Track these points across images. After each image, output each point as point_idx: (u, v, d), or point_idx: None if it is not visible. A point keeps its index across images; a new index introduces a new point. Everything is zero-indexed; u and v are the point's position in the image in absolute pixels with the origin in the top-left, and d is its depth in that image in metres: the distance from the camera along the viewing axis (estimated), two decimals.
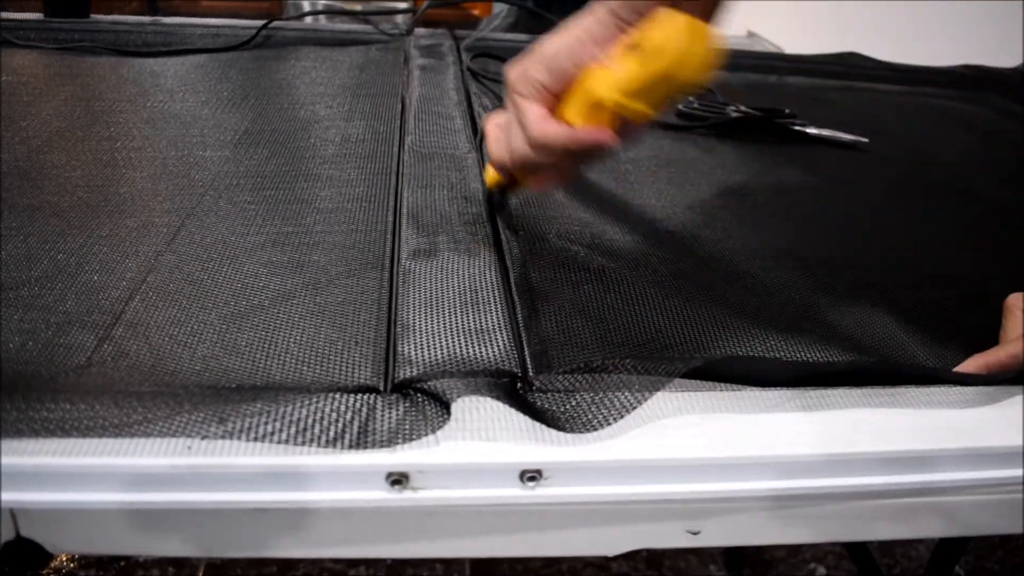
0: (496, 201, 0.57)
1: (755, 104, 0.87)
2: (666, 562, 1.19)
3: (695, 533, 0.39)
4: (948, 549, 0.70)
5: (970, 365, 0.43)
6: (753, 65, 1.12)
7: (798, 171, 0.75)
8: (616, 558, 1.17)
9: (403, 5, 1.15)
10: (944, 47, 1.24)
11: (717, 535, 0.40)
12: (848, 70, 1.13)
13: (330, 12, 1.29)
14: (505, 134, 0.48)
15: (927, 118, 0.98)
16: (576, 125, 0.44)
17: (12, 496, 0.32)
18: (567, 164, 0.48)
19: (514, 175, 0.52)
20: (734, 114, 0.84)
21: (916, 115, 0.98)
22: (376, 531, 0.37)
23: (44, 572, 1.07)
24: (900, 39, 1.81)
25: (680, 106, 0.86)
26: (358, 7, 1.12)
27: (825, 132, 0.83)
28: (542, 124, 0.45)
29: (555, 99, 0.46)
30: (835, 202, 0.69)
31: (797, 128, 0.84)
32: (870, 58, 1.18)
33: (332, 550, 0.37)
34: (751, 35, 1.43)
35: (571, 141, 0.44)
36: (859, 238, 0.62)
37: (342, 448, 0.33)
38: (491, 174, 0.54)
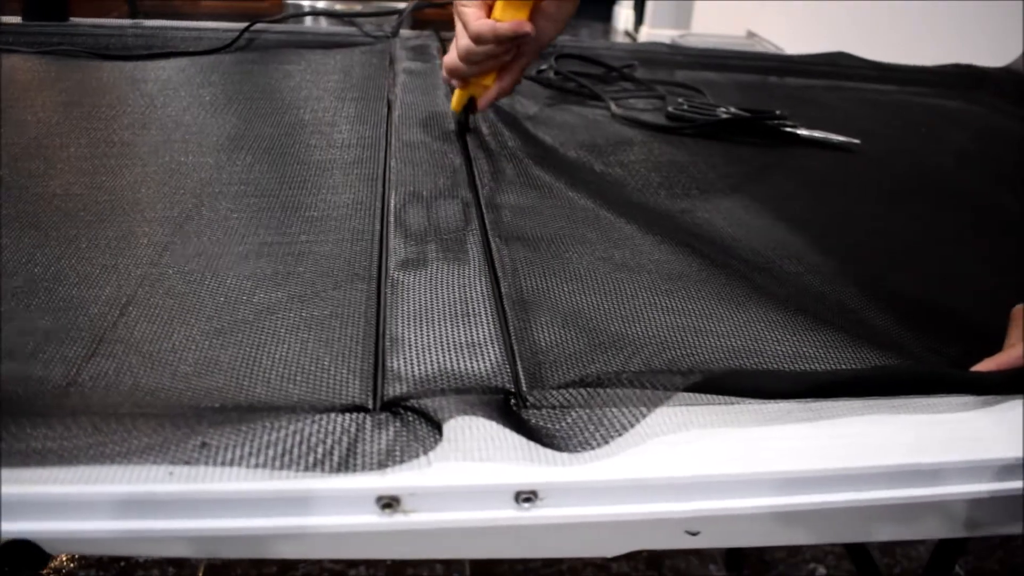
0: (460, 121, 0.71)
1: (745, 105, 0.86)
2: (666, 562, 1.18)
3: (694, 534, 0.38)
4: (948, 549, 0.70)
5: (983, 367, 0.43)
6: (742, 66, 1.11)
7: (790, 173, 0.75)
8: (616, 558, 1.16)
9: (401, 5, 1.14)
10: (945, 46, 1.24)
11: (716, 537, 0.39)
12: (837, 70, 1.13)
13: (313, 13, 1.27)
14: (454, 43, 0.64)
15: (918, 118, 0.97)
16: (503, 21, 0.60)
17: None
18: (504, 58, 0.64)
19: (466, 84, 0.66)
20: (724, 115, 0.84)
21: (906, 115, 0.98)
22: (372, 544, 0.36)
23: (44, 572, 1.06)
24: (900, 39, 1.82)
25: (670, 108, 0.85)
26: (359, 7, 1.11)
27: (816, 133, 0.83)
28: (477, 21, 0.60)
29: (488, 7, 0.61)
30: (829, 205, 0.68)
31: (788, 129, 0.83)
32: (859, 58, 1.17)
33: (330, 554, 0.36)
34: (751, 35, 1.43)
35: (498, 30, 0.60)
36: (855, 241, 0.61)
37: (329, 471, 0.32)
38: (455, 100, 0.69)
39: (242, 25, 1.01)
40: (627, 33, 4.30)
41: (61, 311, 0.42)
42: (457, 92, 0.68)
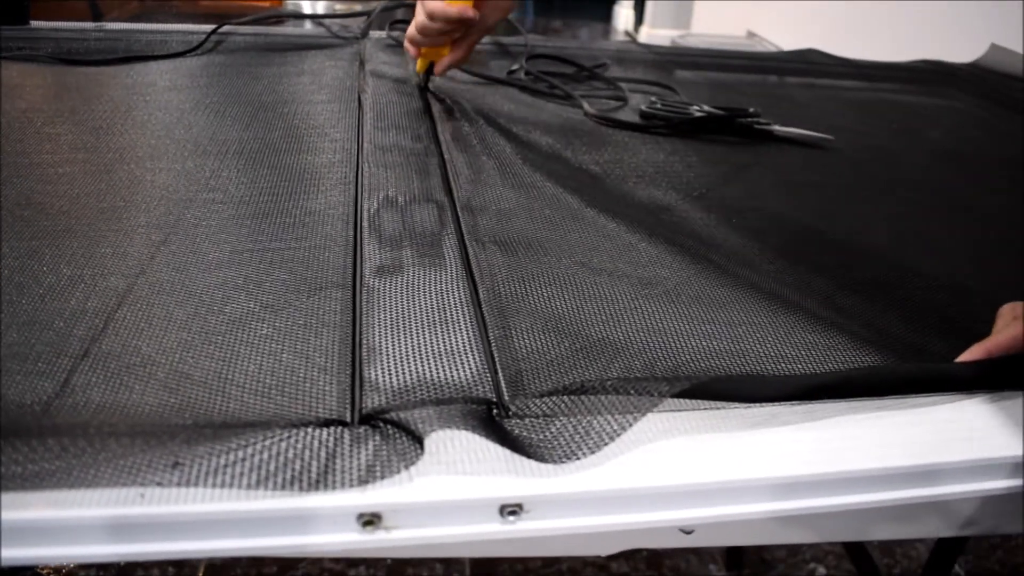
0: (423, 81, 0.84)
1: (718, 103, 0.86)
2: (666, 562, 1.17)
3: (688, 532, 0.38)
4: (947, 548, 0.69)
5: (972, 353, 0.43)
6: (714, 64, 1.11)
7: (766, 171, 0.74)
8: (616, 558, 1.16)
9: (375, 6, 1.13)
10: (946, 45, 1.25)
11: (711, 536, 0.38)
12: (809, 67, 1.13)
13: (282, 15, 1.25)
14: (414, 19, 0.76)
15: (889, 114, 0.97)
16: (453, 5, 0.73)
17: None
18: (454, 35, 0.77)
19: (424, 52, 0.80)
20: (698, 114, 0.83)
21: (878, 111, 0.98)
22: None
23: (44, 572, 1.05)
24: (901, 38, 1.83)
25: (643, 107, 0.85)
26: (358, 7, 1.10)
27: (790, 130, 0.83)
28: (431, 2, 0.73)
29: None
30: (806, 201, 0.68)
31: (762, 127, 0.83)
32: (830, 55, 1.18)
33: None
34: (751, 35, 1.42)
35: (447, 12, 0.73)
36: (832, 238, 0.61)
37: (307, 488, 0.31)
38: (419, 64, 0.83)
39: (209, 27, 0.99)
40: (627, 33, 4.28)
41: (25, 326, 0.41)
42: (420, 59, 0.82)
